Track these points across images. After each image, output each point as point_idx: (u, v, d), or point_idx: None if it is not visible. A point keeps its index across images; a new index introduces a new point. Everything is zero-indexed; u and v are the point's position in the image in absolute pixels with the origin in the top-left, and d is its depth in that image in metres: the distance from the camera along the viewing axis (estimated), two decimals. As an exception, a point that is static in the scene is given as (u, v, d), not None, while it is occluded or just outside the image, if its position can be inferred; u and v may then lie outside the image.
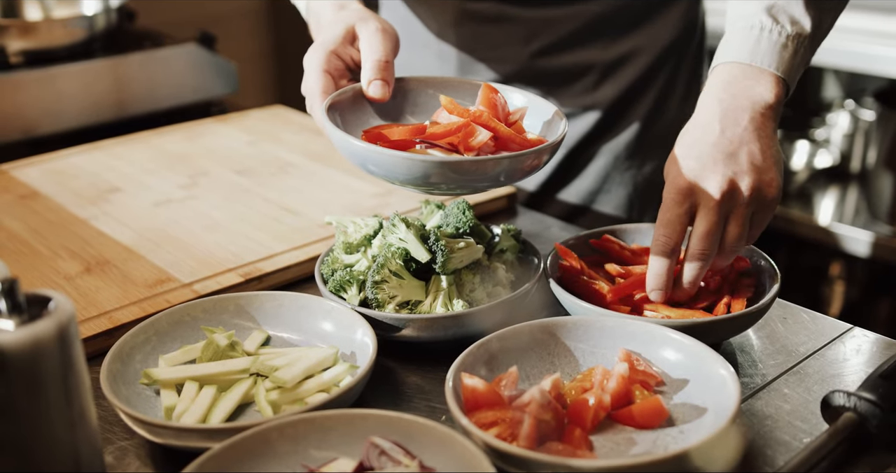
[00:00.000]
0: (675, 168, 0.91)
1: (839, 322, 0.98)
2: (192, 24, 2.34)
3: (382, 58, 0.97)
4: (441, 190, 0.89)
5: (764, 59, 0.95)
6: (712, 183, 0.88)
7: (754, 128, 0.91)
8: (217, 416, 0.81)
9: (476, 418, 0.75)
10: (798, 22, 0.97)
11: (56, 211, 1.23)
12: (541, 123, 0.99)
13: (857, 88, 2.45)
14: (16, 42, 1.77)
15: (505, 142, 0.91)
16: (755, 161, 0.89)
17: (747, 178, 0.88)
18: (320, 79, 0.97)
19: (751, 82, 0.94)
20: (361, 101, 0.98)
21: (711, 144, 0.90)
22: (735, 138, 0.90)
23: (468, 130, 0.90)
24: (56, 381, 0.65)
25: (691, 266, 0.90)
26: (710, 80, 0.96)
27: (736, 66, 0.95)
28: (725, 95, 0.93)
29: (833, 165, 2.36)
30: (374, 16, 1.01)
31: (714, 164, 0.88)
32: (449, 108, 0.94)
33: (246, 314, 0.95)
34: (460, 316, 0.89)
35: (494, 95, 0.96)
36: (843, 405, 0.77)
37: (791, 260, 2.36)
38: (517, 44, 1.32)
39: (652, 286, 0.91)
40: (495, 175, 0.86)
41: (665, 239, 0.90)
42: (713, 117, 0.92)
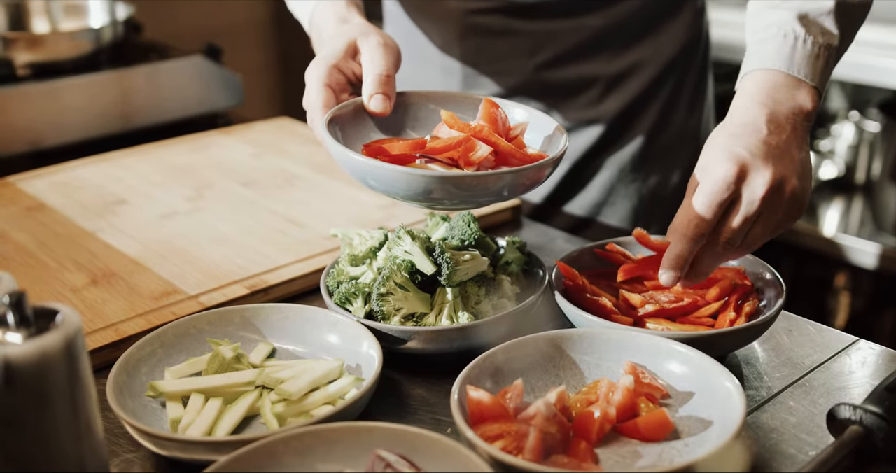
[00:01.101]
0: (722, 156, 0.88)
1: (845, 334, 0.98)
2: (199, 36, 2.36)
3: (384, 72, 0.98)
4: (442, 205, 0.89)
5: (801, 69, 0.96)
6: (762, 176, 0.87)
7: (797, 136, 0.92)
8: (223, 429, 0.81)
9: (481, 431, 0.76)
10: (828, 33, 0.98)
11: (63, 223, 1.24)
12: (542, 138, 0.99)
13: (861, 100, 2.45)
14: (23, 55, 1.78)
15: (505, 157, 0.92)
16: (799, 168, 0.90)
17: (790, 183, 0.88)
18: (322, 93, 0.97)
19: (792, 91, 0.95)
20: (362, 115, 0.99)
21: (762, 141, 0.89)
22: (782, 143, 0.90)
23: (468, 145, 0.90)
24: (63, 394, 0.65)
25: (714, 256, 0.89)
26: (748, 85, 0.96)
27: (776, 74, 0.96)
28: (769, 101, 0.93)
29: (838, 176, 2.36)
30: (376, 30, 1.02)
31: (766, 159, 0.88)
32: (449, 123, 0.94)
33: (251, 326, 0.95)
34: (465, 328, 0.89)
35: (495, 110, 0.96)
36: (849, 418, 0.77)
37: (796, 271, 2.35)
38: (521, 57, 1.32)
39: (669, 266, 0.89)
40: (496, 190, 0.86)
41: (699, 223, 0.87)
42: (759, 119, 0.91)
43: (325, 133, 0.91)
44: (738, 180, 0.87)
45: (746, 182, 0.87)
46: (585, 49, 1.32)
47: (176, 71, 1.93)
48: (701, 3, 1.40)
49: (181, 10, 2.77)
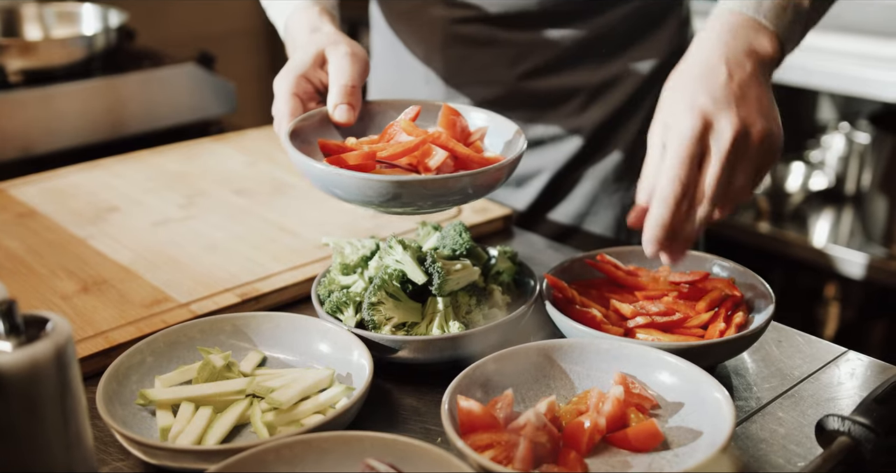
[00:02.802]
0: (683, 108, 0.87)
1: (834, 345, 0.98)
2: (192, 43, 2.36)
3: (349, 83, 0.99)
4: (402, 209, 0.90)
5: (767, 15, 0.94)
6: (727, 121, 0.85)
7: (757, 76, 0.90)
8: (213, 437, 0.81)
9: (472, 440, 0.76)
10: None
11: (54, 230, 1.24)
12: (503, 142, 1.00)
13: (851, 111, 2.47)
14: (15, 61, 1.78)
15: (464, 162, 0.93)
16: (763, 107, 0.88)
17: (758, 123, 0.87)
18: (289, 102, 1.00)
19: (754, 33, 0.93)
20: (328, 124, 1.01)
21: (722, 85, 0.87)
22: (743, 83, 0.89)
23: (425, 150, 0.92)
24: (53, 402, 0.65)
25: (699, 217, 0.86)
26: (712, 24, 0.95)
27: (740, 16, 0.95)
28: (730, 39, 0.92)
29: (828, 187, 2.38)
30: (344, 40, 1.03)
31: (728, 105, 0.86)
32: (407, 130, 0.95)
33: (242, 334, 0.95)
34: (456, 338, 0.90)
35: (454, 117, 0.97)
36: (838, 429, 0.77)
37: (786, 281, 2.36)
38: (504, 67, 1.33)
39: (651, 236, 0.86)
40: (453, 192, 0.88)
41: (677, 182, 0.84)
42: (719, 59, 0.90)
43: (287, 142, 0.93)
44: (704, 131, 0.85)
45: (712, 132, 0.85)
46: (568, 59, 1.33)
47: (169, 78, 1.94)
48: (685, 14, 1.40)
49: (174, 18, 2.77)
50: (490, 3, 1.28)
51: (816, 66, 2.09)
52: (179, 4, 2.80)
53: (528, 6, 1.27)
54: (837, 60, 2.09)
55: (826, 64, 2.09)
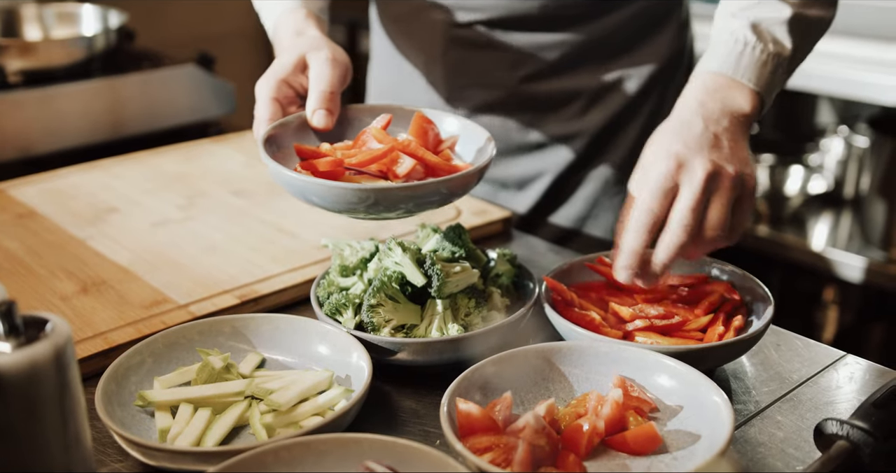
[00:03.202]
0: (659, 154, 0.92)
1: (832, 349, 0.98)
2: (191, 44, 2.36)
3: (327, 89, 1.01)
4: (368, 215, 0.92)
5: (745, 74, 1.00)
6: (699, 163, 0.90)
7: (733, 131, 0.95)
8: (211, 439, 0.81)
9: (470, 443, 0.76)
10: (780, 42, 1.02)
11: (53, 231, 1.24)
12: (475, 149, 1.02)
13: (850, 115, 2.47)
14: (15, 61, 1.78)
15: (433, 169, 0.95)
16: (737, 153, 0.93)
17: (731, 165, 0.91)
18: (269, 107, 1.02)
19: (732, 93, 0.99)
20: (307, 128, 1.03)
21: (697, 135, 0.93)
22: (718, 134, 0.94)
23: (392, 157, 0.95)
24: (52, 403, 0.65)
25: (669, 242, 0.89)
26: (692, 86, 1.01)
27: (719, 77, 1.00)
28: (708, 100, 0.98)
29: (827, 191, 2.38)
30: (327, 44, 1.05)
31: (700, 150, 0.91)
32: (378, 138, 0.98)
33: (241, 336, 0.95)
34: (455, 340, 0.90)
35: (426, 125, 1.00)
36: (836, 433, 0.77)
37: (785, 285, 2.36)
38: (505, 70, 1.33)
39: (624, 263, 0.90)
40: (417, 199, 0.91)
41: (651, 210, 0.89)
42: (696, 116, 0.96)
43: (261, 148, 0.95)
44: (677, 171, 0.90)
45: (684, 171, 0.90)
46: (569, 63, 1.33)
47: (168, 79, 1.94)
48: (685, 17, 1.40)
49: (174, 19, 2.78)
50: (491, 6, 1.28)
51: (816, 70, 2.10)
52: (179, 5, 2.80)
53: (528, 10, 1.27)
54: (837, 64, 2.10)
55: (825, 68, 2.09)
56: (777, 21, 1.02)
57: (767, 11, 1.03)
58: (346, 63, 1.05)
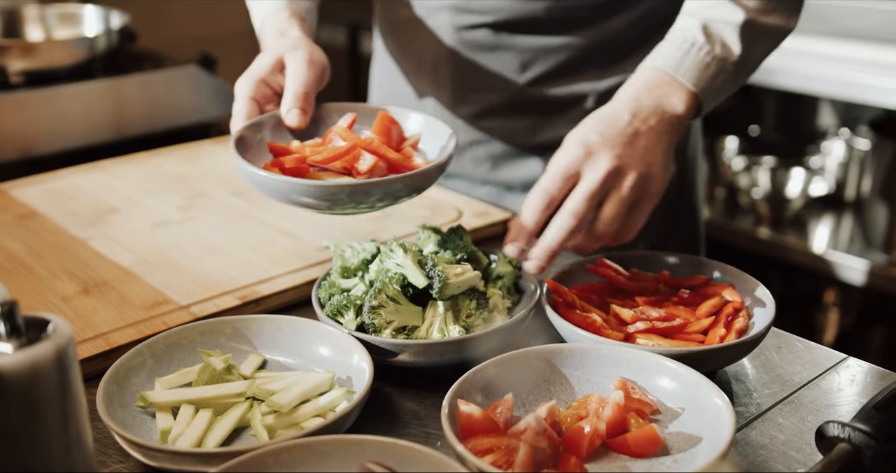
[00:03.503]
0: (576, 138, 0.96)
1: (834, 351, 0.98)
2: (193, 45, 2.36)
3: (302, 89, 1.05)
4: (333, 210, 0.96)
5: (685, 73, 1.02)
6: (606, 157, 0.93)
7: (658, 131, 0.98)
8: (212, 440, 0.81)
9: (472, 445, 0.76)
10: (728, 46, 1.03)
11: (54, 231, 1.24)
12: (439, 146, 1.06)
13: (852, 117, 2.47)
14: (17, 62, 1.78)
15: (395, 166, 1.00)
16: (648, 154, 0.95)
17: (637, 166, 0.94)
18: (246, 105, 1.06)
19: (668, 91, 1.01)
20: (283, 126, 1.07)
21: (617, 129, 0.96)
22: (639, 131, 0.96)
23: (354, 154, 0.99)
24: (54, 404, 0.65)
25: (557, 225, 0.92)
26: (633, 79, 1.03)
27: (660, 73, 1.02)
28: (643, 95, 1.00)
29: (828, 193, 2.38)
30: (305, 45, 1.09)
31: (613, 145, 0.94)
32: (342, 136, 1.03)
33: (243, 337, 0.95)
34: (457, 342, 0.90)
35: (389, 123, 1.05)
36: (838, 436, 0.77)
37: (786, 287, 2.36)
38: (511, 72, 1.33)
39: (514, 236, 0.93)
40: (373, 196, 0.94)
41: (548, 191, 0.93)
42: (626, 109, 0.98)
43: (232, 147, 0.99)
44: (583, 159, 0.94)
45: (590, 162, 0.94)
46: (575, 65, 1.33)
47: (170, 80, 1.94)
48: None
49: (176, 20, 2.78)
50: (497, 9, 1.28)
51: (817, 73, 2.10)
52: (181, 6, 2.80)
53: (534, 12, 1.27)
54: (838, 66, 2.10)
55: (826, 70, 2.10)
56: (730, 25, 1.03)
57: (722, 14, 1.03)
58: (322, 63, 1.09)
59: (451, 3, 1.31)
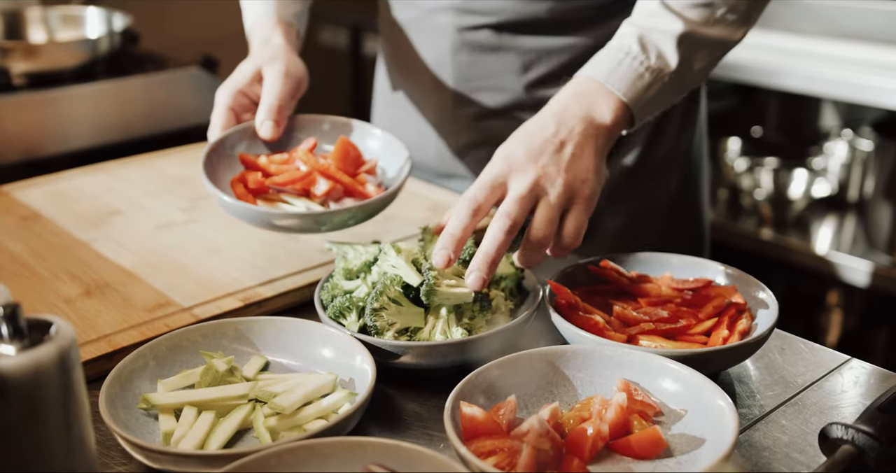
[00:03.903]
0: (501, 153, 0.97)
1: (837, 353, 0.98)
2: (195, 47, 2.36)
3: (276, 102, 1.10)
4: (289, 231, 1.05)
5: (616, 83, 1.00)
6: (529, 169, 0.94)
7: (584, 139, 0.98)
8: (215, 442, 0.81)
9: (474, 446, 0.76)
10: (664, 57, 1.01)
11: (57, 233, 1.24)
12: (398, 166, 1.13)
13: (854, 118, 2.47)
14: (20, 64, 1.79)
15: (349, 191, 1.08)
16: (575, 161, 0.96)
17: (562, 173, 0.94)
18: (223, 115, 1.12)
19: (597, 99, 1.00)
20: (257, 137, 1.13)
21: (542, 140, 0.96)
22: (565, 141, 0.97)
23: (311, 179, 1.06)
24: (56, 406, 0.65)
25: (491, 229, 0.92)
26: (564, 88, 1.03)
27: (591, 81, 1.01)
28: (570, 103, 1.00)
29: (831, 194, 2.38)
30: (284, 57, 1.14)
31: (537, 157, 0.95)
32: (303, 159, 1.09)
33: (245, 339, 0.95)
34: (459, 343, 0.89)
35: (348, 148, 1.11)
36: (841, 437, 0.77)
37: (789, 288, 2.36)
38: (513, 74, 1.33)
39: (442, 245, 0.92)
40: (324, 223, 1.02)
41: (475, 198, 0.93)
42: (552, 120, 0.98)
43: (201, 166, 1.06)
44: (508, 173, 0.95)
45: (516, 174, 0.94)
46: (577, 67, 1.32)
47: (172, 82, 1.94)
48: None
49: (178, 21, 2.78)
50: (499, 10, 1.28)
51: (819, 74, 2.09)
52: (183, 8, 2.80)
53: (536, 14, 1.27)
54: (840, 67, 2.10)
55: (829, 71, 2.09)
56: (667, 35, 1.01)
57: (660, 24, 1.02)
58: (298, 76, 1.13)
59: (454, 4, 1.31)
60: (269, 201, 1.08)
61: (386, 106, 1.53)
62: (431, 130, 1.42)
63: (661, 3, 1.04)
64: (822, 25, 2.30)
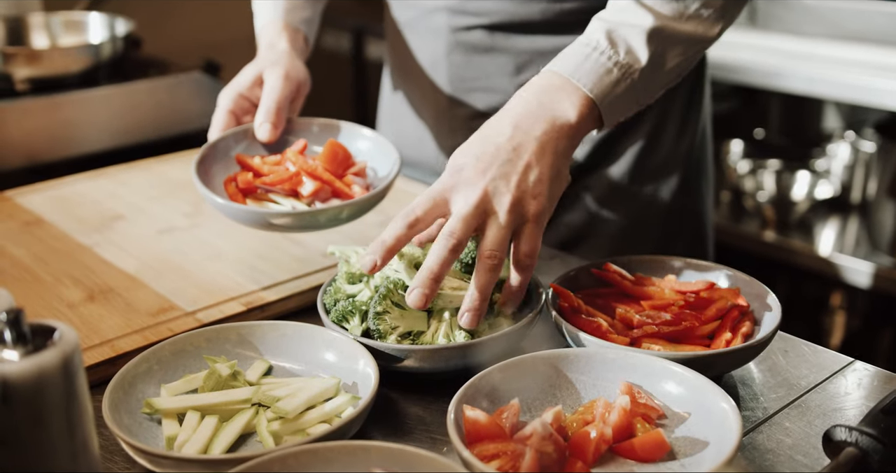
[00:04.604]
0: (452, 161, 0.93)
1: (840, 355, 0.98)
2: (197, 52, 2.36)
3: (274, 105, 1.12)
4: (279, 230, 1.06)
5: (582, 78, 0.95)
6: (475, 185, 0.89)
7: (543, 141, 0.92)
8: (218, 446, 0.81)
9: (478, 450, 0.75)
10: (633, 52, 0.96)
11: (60, 238, 1.24)
12: (388, 166, 1.14)
13: (857, 120, 2.47)
14: (22, 69, 1.79)
15: (336, 192, 1.09)
16: (528, 172, 0.91)
17: (512, 188, 0.90)
18: (223, 117, 1.14)
19: (561, 96, 0.95)
20: (256, 139, 1.15)
21: (495, 146, 0.91)
22: (518, 147, 0.91)
23: (297, 180, 1.08)
24: (60, 412, 0.65)
25: (435, 246, 0.88)
26: (530, 82, 0.98)
27: (555, 76, 0.96)
28: (532, 100, 0.95)
29: (834, 196, 2.37)
30: (286, 61, 1.15)
31: (486, 168, 0.90)
32: (291, 160, 1.11)
33: (248, 343, 0.95)
34: (462, 347, 0.89)
35: (336, 149, 1.12)
36: (845, 440, 0.77)
37: (792, 290, 2.36)
38: (507, 75, 1.33)
39: (371, 250, 0.90)
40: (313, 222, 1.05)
41: (413, 212, 0.90)
42: (509, 119, 0.93)
43: (193, 168, 1.08)
44: (452, 187, 0.90)
45: (460, 190, 0.90)
46: None
47: (175, 86, 1.94)
48: None
49: (180, 26, 2.78)
50: (493, 11, 1.29)
51: (822, 75, 2.09)
52: (186, 13, 2.81)
53: (530, 15, 1.28)
54: (843, 69, 2.09)
55: (831, 72, 2.09)
56: (636, 29, 0.97)
57: (629, 18, 0.97)
58: (298, 80, 1.15)
59: (447, 5, 1.31)
60: (259, 201, 1.10)
61: (390, 106, 1.54)
62: (430, 130, 1.43)
63: None
64: (824, 27, 2.30)
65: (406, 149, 1.46)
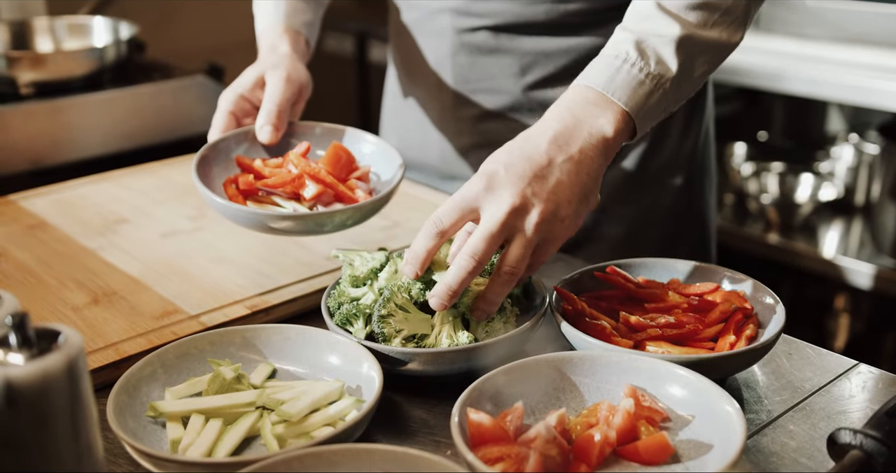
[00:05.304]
0: (483, 169, 0.91)
1: (844, 358, 0.98)
2: (201, 55, 2.37)
3: (275, 108, 1.12)
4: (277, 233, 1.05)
5: (616, 92, 0.94)
6: (508, 195, 0.88)
7: (579, 160, 0.91)
8: (223, 450, 0.81)
9: (482, 453, 0.76)
10: (664, 62, 0.95)
11: (64, 241, 1.24)
12: (391, 171, 1.13)
13: (861, 122, 2.47)
14: (27, 73, 1.79)
15: (339, 196, 1.09)
16: (560, 191, 0.89)
17: (542, 205, 0.88)
18: (224, 119, 1.14)
19: (596, 111, 0.93)
20: (257, 141, 1.15)
21: (528, 160, 0.90)
22: (554, 162, 0.90)
23: (300, 182, 1.07)
24: (64, 415, 0.65)
25: (456, 266, 0.88)
26: (562, 97, 0.96)
27: (589, 91, 0.95)
28: (568, 116, 0.93)
29: (837, 198, 2.37)
30: (287, 63, 1.15)
31: (518, 180, 0.88)
32: (294, 163, 1.10)
33: (252, 347, 0.95)
34: (466, 350, 0.89)
35: (339, 152, 1.11)
36: (850, 442, 0.77)
37: (795, 292, 2.36)
38: (512, 76, 1.33)
39: (407, 261, 0.91)
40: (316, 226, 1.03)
41: (440, 221, 0.89)
42: (545, 134, 0.92)
43: (193, 169, 1.07)
44: (483, 195, 0.89)
45: (490, 199, 0.88)
46: (576, 69, 1.31)
47: (179, 90, 1.95)
48: None
49: (184, 30, 2.79)
50: (497, 12, 1.29)
51: (825, 77, 2.09)
52: (189, 16, 2.81)
53: (534, 16, 1.28)
54: (846, 71, 2.09)
55: (834, 75, 2.09)
56: (665, 39, 0.95)
57: (657, 27, 0.96)
58: (300, 82, 1.15)
59: (452, 6, 1.32)
60: (260, 203, 1.09)
61: (394, 108, 1.54)
62: (435, 132, 1.43)
63: (657, 5, 0.98)
64: (827, 29, 2.30)
65: (410, 151, 1.46)
